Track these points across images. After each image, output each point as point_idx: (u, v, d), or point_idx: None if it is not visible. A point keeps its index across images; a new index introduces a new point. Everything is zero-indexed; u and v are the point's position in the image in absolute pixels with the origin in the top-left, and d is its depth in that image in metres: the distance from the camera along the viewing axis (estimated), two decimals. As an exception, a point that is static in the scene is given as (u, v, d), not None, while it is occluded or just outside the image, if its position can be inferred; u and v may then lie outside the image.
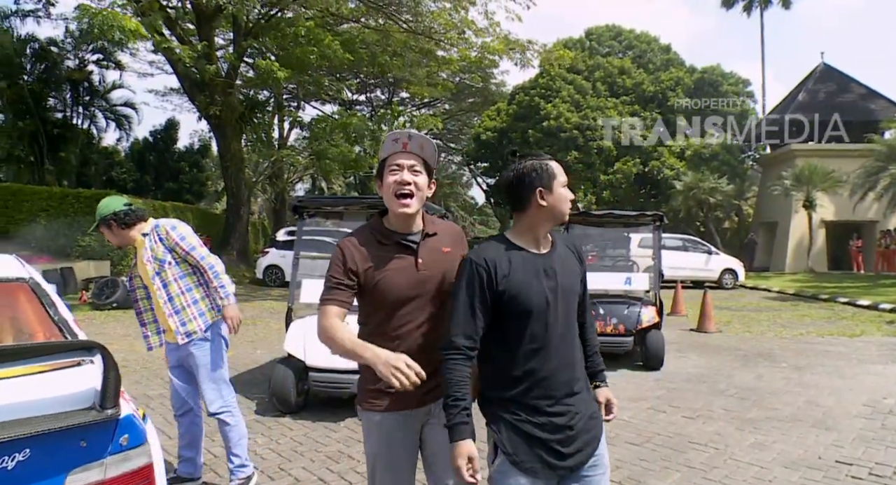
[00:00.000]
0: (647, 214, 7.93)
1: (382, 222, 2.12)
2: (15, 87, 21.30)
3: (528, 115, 31.31)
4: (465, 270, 1.95)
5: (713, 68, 31.48)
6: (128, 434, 1.86)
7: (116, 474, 1.83)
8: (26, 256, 12.54)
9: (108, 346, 6.03)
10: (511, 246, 1.99)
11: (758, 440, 4.67)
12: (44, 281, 2.69)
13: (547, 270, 1.97)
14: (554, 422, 1.93)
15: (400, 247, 2.07)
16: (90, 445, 1.76)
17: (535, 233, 2.01)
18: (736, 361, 7.76)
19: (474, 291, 1.92)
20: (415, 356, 1.91)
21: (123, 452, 1.85)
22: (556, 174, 1.99)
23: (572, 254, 2.11)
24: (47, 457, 1.69)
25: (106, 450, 1.80)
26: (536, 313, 1.92)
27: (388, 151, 2.06)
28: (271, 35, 18.56)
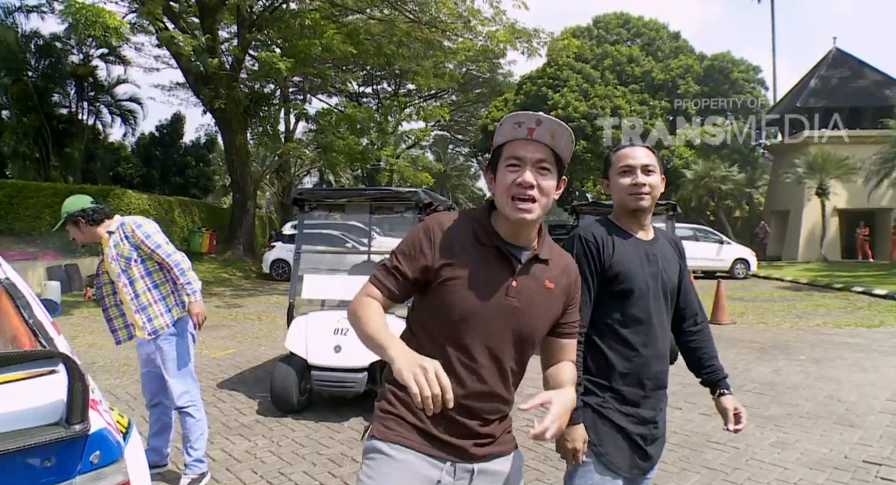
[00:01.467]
0: (660, 204, 7.67)
1: (489, 216, 1.64)
2: (19, 83, 21.20)
3: (536, 104, 30.95)
4: (577, 246, 1.92)
5: (723, 55, 31.04)
6: (99, 451, 1.68)
7: (87, 494, 1.66)
8: (30, 254, 12.50)
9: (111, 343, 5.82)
10: (616, 229, 1.98)
11: (780, 439, 4.47)
12: (21, 281, 2.52)
13: (649, 256, 1.95)
14: (641, 414, 1.91)
15: (499, 255, 1.58)
16: (57, 463, 1.59)
17: (625, 220, 2.00)
18: (752, 354, 7.54)
19: (588, 266, 1.90)
20: (466, 400, 1.53)
21: (95, 470, 1.68)
22: (613, 162, 2.00)
23: (673, 248, 2.07)
24: (7, 478, 1.52)
25: (75, 469, 1.63)
26: (637, 295, 1.91)
27: (508, 136, 1.56)
28: (275, 27, 18.37)
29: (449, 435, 1.57)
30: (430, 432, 1.57)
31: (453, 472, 1.59)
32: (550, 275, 1.63)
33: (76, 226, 3.47)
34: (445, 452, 1.58)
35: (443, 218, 1.63)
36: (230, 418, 4.93)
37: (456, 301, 1.55)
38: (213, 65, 15.58)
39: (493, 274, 1.57)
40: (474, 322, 1.55)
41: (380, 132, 22.31)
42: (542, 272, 1.62)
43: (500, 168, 1.58)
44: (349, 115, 19.51)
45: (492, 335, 1.57)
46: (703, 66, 30.65)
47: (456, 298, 1.55)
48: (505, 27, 17.53)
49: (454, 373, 1.53)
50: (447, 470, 1.58)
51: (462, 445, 1.58)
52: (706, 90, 29.90)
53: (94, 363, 7.07)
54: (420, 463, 1.56)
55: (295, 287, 5.46)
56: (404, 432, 1.57)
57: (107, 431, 1.75)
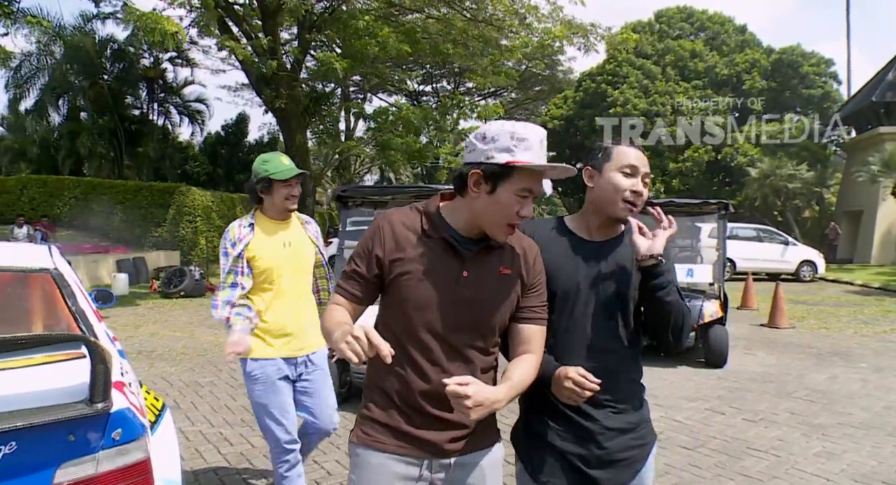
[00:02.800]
0: (711, 203, 7.49)
1: (439, 208, 1.64)
2: (96, 86, 22.39)
3: (595, 102, 30.55)
4: None
5: (792, 49, 29.79)
6: (121, 429, 1.81)
7: (109, 468, 1.78)
8: (103, 247, 13.21)
9: (171, 333, 6.17)
10: (561, 228, 1.83)
11: (826, 448, 4.30)
12: (70, 271, 2.71)
13: (588, 258, 1.76)
14: (574, 431, 1.73)
15: (447, 247, 1.59)
16: (79, 439, 1.72)
17: (585, 219, 1.82)
18: (808, 359, 7.25)
19: None
20: (437, 399, 1.54)
21: (117, 446, 1.80)
22: (612, 156, 1.75)
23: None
24: (34, 450, 1.66)
25: (97, 445, 1.75)
26: (561, 299, 1.73)
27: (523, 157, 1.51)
28: (334, 28, 18.74)
29: (425, 430, 1.59)
30: (404, 431, 1.60)
31: (430, 467, 1.62)
32: (505, 260, 1.63)
33: (301, 187, 3.01)
34: (422, 450, 1.61)
35: (392, 215, 1.64)
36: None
37: (408, 296, 1.57)
38: (273, 66, 16.04)
39: (444, 266, 1.58)
40: (429, 315, 1.57)
41: (438, 130, 22.45)
42: (496, 259, 1.62)
43: (506, 190, 1.52)
44: (405, 114, 19.71)
45: (447, 327, 1.58)
46: (770, 61, 29.51)
47: (408, 292, 1.57)
48: (562, 23, 17.36)
49: (417, 367, 1.58)
50: (425, 466, 1.62)
51: (437, 440, 1.60)
52: (773, 85, 28.75)
53: (153, 351, 7.43)
54: (397, 464, 1.60)
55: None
56: (380, 437, 1.62)
57: (129, 410, 1.87)
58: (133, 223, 16.85)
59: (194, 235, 16.20)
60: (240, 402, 5.26)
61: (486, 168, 1.51)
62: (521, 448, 1.82)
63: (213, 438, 4.38)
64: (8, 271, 2.52)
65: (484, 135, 1.55)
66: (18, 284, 2.51)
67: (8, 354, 1.80)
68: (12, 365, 1.85)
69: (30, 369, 1.84)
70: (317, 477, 3.74)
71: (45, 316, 2.37)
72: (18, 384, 1.75)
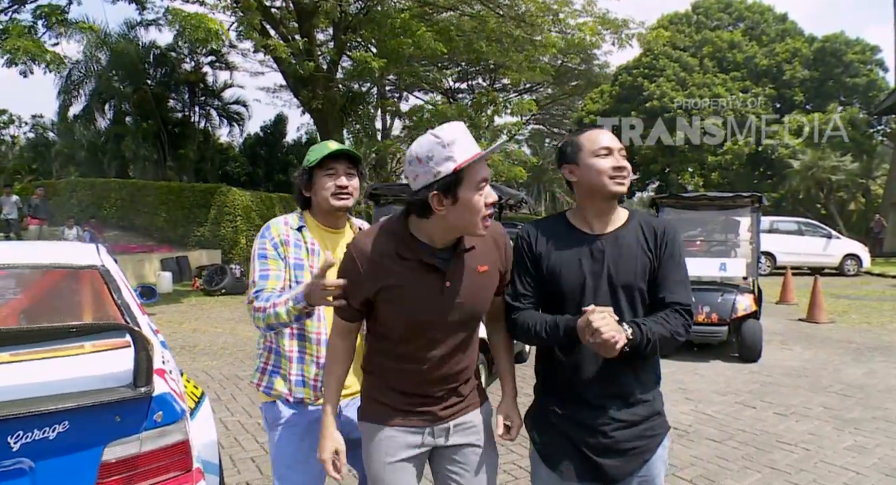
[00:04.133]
0: (745, 196, 7.43)
1: (408, 227, 1.70)
2: (140, 91, 23.12)
3: (632, 96, 30.21)
4: (516, 241, 1.91)
5: (836, 36, 28.92)
6: (162, 411, 1.96)
7: (152, 448, 1.94)
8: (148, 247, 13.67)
9: (213, 329, 6.45)
10: (565, 224, 1.89)
11: (857, 442, 4.27)
12: (116, 268, 2.89)
13: (594, 253, 1.80)
14: (582, 419, 1.81)
15: (424, 265, 1.67)
16: (124, 420, 1.88)
17: (583, 212, 1.87)
18: (846, 354, 7.13)
19: (520, 255, 1.87)
20: (434, 383, 1.77)
21: (158, 428, 1.96)
22: (583, 145, 1.80)
23: (643, 238, 1.82)
24: (84, 430, 1.82)
25: (140, 426, 1.91)
26: (569, 295, 1.80)
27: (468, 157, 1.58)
28: (369, 28, 18.98)
29: (421, 406, 1.80)
30: (403, 409, 1.79)
31: (432, 433, 1.82)
32: (480, 259, 1.74)
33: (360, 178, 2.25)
34: (421, 420, 1.80)
35: (363, 244, 1.70)
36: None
37: (398, 315, 1.70)
38: (309, 67, 16.35)
39: (426, 283, 1.68)
40: (421, 325, 1.71)
41: (472, 127, 22.54)
42: (472, 259, 1.73)
43: (466, 191, 1.59)
44: (440, 112, 19.84)
45: (437, 332, 1.74)
46: (812, 50, 28.73)
47: (398, 312, 1.70)
48: (595, 18, 17.24)
49: (414, 361, 1.76)
50: (427, 433, 1.81)
51: (433, 410, 1.81)
52: (816, 75, 27.98)
53: (195, 346, 7.72)
54: (401, 435, 1.79)
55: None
56: (383, 413, 1.80)
57: (169, 395, 2.03)
58: (176, 223, 17.37)
59: (235, 234, 16.63)
60: (277, 394, 5.45)
61: (441, 183, 1.57)
62: (534, 431, 1.92)
63: (252, 428, 4.57)
64: (59, 268, 2.71)
65: (418, 158, 1.60)
66: (69, 280, 2.71)
67: (60, 341, 1.97)
68: (64, 353, 2.02)
69: (79, 356, 2.00)
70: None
71: (93, 309, 2.55)
72: (69, 370, 1.92)
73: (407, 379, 1.78)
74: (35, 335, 1.95)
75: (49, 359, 1.92)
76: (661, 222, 1.86)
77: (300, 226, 2.16)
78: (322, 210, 2.18)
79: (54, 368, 1.89)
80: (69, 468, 1.82)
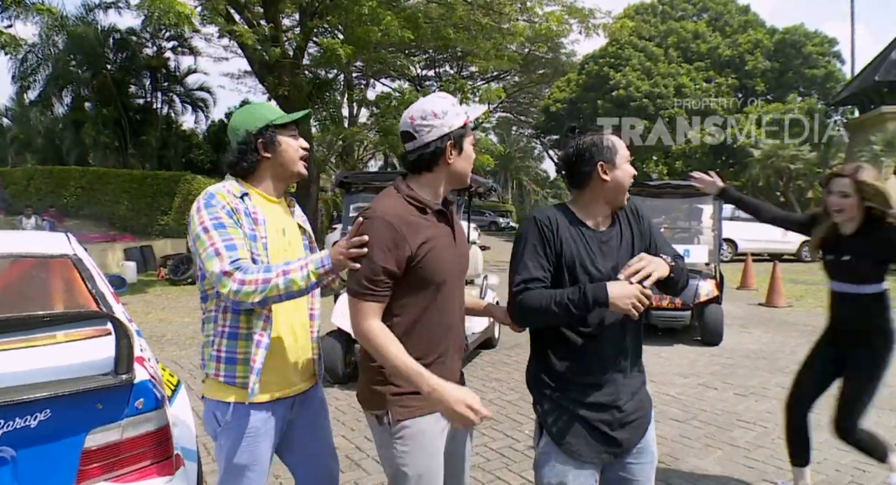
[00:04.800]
0: (709, 185, 7.61)
1: (414, 189, 1.84)
2: (99, 76, 22.49)
3: (598, 85, 30.50)
4: (530, 226, 1.90)
5: (795, 28, 29.60)
6: (143, 398, 1.99)
7: (133, 434, 1.97)
8: (110, 236, 13.40)
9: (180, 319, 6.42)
10: (573, 218, 1.93)
11: (812, 420, 4.46)
12: (88, 257, 2.88)
13: (604, 250, 1.91)
14: (598, 400, 1.89)
15: (439, 216, 1.86)
16: (106, 407, 1.90)
17: (593, 209, 1.94)
18: (802, 337, 7.41)
19: (540, 241, 1.87)
20: (457, 343, 1.93)
21: (140, 414, 1.99)
22: (619, 149, 1.92)
23: (631, 226, 1.98)
24: (66, 417, 1.84)
25: (122, 413, 1.94)
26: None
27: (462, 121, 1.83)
28: (335, 14, 18.77)
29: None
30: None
31: None
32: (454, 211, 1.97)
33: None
34: None
35: (387, 210, 1.76)
36: (281, 388, 5.31)
37: (434, 268, 1.80)
38: (275, 54, 16.12)
39: (443, 234, 1.87)
40: (449, 279, 1.86)
41: (441, 114, 22.51)
42: (453, 214, 1.95)
43: (468, 143, 1.87)
44: (408, 100, 19.78)
45: (456, 281, 1.92)
46: (773, 41, 29.36)
47: (433, 266, 1.80)
48: (562, 7, 17.37)
49: (441, 327, 1.87)
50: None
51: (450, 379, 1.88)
52: (777, 66, 28.63)
53: (163, 336, 7.64)
54: (437, 421, 1.84)
55: (341, 266, 5.76)
56: (420, 404, 1.80)
57: (150, 382, 2.05)
58: (139, 212, 17.04)
59: (200, 222, 16.40)
60: (249, 383, 5.46)
61: (455, 134, 1.83)
62: (553, 427, 1.91)
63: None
64: (31, 257, 2.69)
65: (435, 113, 1.81)
66: (41, 270, 2.69)
67: (41, 329, 1.97)
68: (45, 341, 2.03)
69: (59, 345, 2.01)
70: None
71: (67, 298, 2.54)
72: (51, 358, 1.93)
73: (433, 350, 1.84)
74: (15, 324, 1.94)
75: (30, 348, 1.93)
76: (630, 203, 2.00)
77: (243, 194, 1.95)
78: (280, 175, 2.04)
79: (35, 356, 1.90)
80: (51, 456, 1.84)
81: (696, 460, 3.75)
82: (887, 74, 24.69)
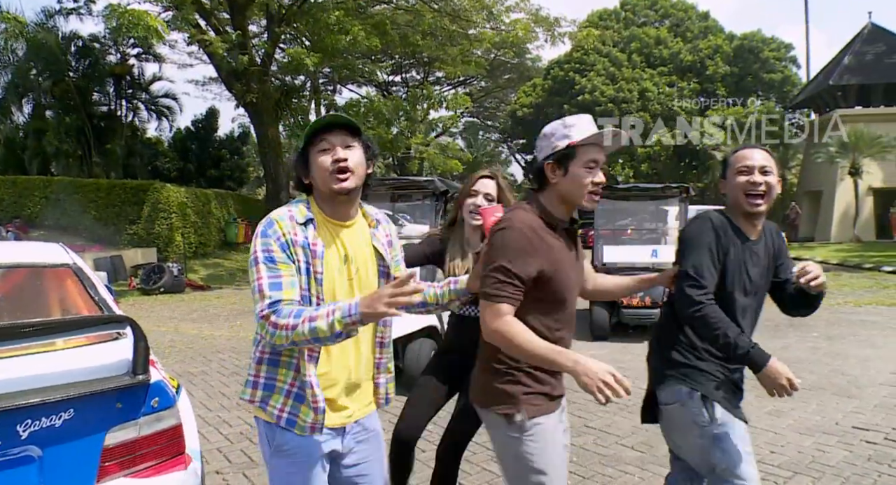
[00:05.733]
0: (673, 187, 7.95)
1: (544, 205, 1.91)
2: (61, 83, 22.06)
3: (564, 89, 31.05)
4: (706, 228, 2.09)
5: (753, 34, 30.60)
6: (158, 398, 2.10)
7: (150, 432, 2.08)
8: (79, 246, 13.22)
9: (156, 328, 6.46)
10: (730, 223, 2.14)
11: (776, 407, 4.73)
12: (86, 266, 2.97)
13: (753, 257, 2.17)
14: (736, 369, 2.20)
15: (565, 233, 1.92)
16: (125, 406, 2.01)
17: (736, 215, 2.16)
18: (765, 331, 7.74)
19: (715, 245, 2.08)
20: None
21: (155, 413, 2.10)
22: (731, 163, 2.15)
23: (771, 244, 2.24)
24: (88, 416, 1.94)
25: (139, 411, 2.05)
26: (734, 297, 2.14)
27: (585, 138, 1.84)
28: (303, 21, 18.81)
29: (560, 386, 1.99)
30: (551, 394, 1.94)
31: (562, 410, 2.03)
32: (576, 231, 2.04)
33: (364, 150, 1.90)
34: (559, 400, 2.00)
35: (521, 220, 1.84)
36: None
37: (562, 281, 1.87)
38: (243, 61, 16.10)
39: (568, 249, 1.93)
40: (572, 291, 1.95)
41: (408, 121, 22.70)
42: (576, 232, 2.01)
43: (576, 166, 1.85)
44: (376, 107, 19.88)
45: (574, 299, 1.99)
46: (732, 46, 30.29)
47: (561, 279, 1.87)
48: (528, 14, 17.69)
49: (562, 341, 1.88)
50: (559, 410, 2.01)
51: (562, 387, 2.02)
52: (736, 71, 29.51)
53: (141, 346, 7.63)
54: (556, 417, 1.96)
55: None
56: (544, 403, 1.91)
57: (163, 383, 2.17)
58: (107, 221, 16.81)
59: (170, 231, 16.23)
60: (233, 388, 5.53)
61: (555, 155, 1.86)
62: (711, 392, 2.12)
63: (213, 421, 4.66)
64: (33, 267, 2.77)
65: (544, 134, 1.91)
66: (44, 279, 2.77)
67: (59, 334, 2.07)
68: (64, 346, 2.13)
69: (77, 349, 2.12)
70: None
71: (74, 306, 2.63)
72: (70, 361, 2.03)
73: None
74: (38, 329, 2.04)
75: (52, 352, 2.03)
76: (770, 225, 2.24)
77: (307, 219, 1.80)
78: (325, 198, 1.85)
79: (56, 360, 2.00)
80: (74, 454, 1.94)
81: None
82: (840, 79, 25.66)
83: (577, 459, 3.80)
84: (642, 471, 3.61)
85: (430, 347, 5.16)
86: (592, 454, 3.87)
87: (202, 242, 17.67)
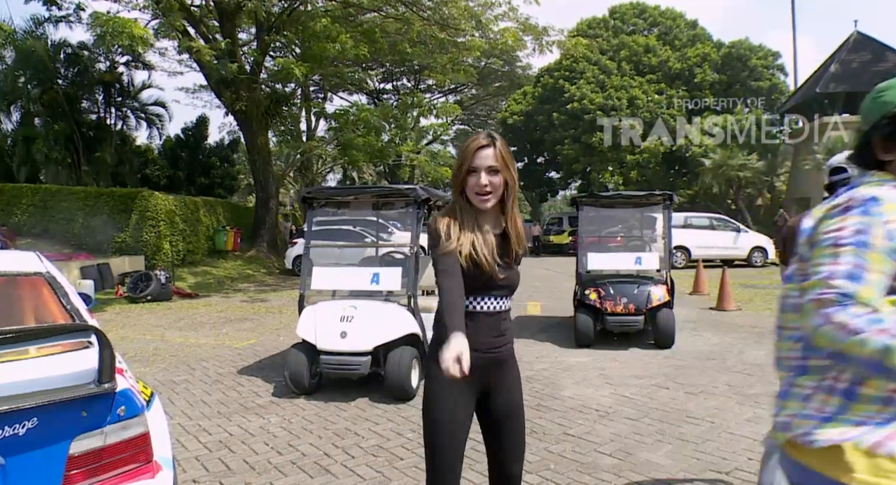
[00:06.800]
0: (657, 194, 8.00)
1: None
2: (50, 91, 21.97)
3: (553, 97, 31.20)
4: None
5: (741, 42, 30.86)
6: (125, 406, 2.11)
7: (115, 440, 2.09)
8: (66, 254, 13.13)
9: (141, 336, 6.44)
10: None
11: (756, 414, 4.77)
12: (60, 275, 2.96)
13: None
14: None
15: None
16: (90, 415, 2.02)
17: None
18: (750, 338, 7.80)
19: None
20: None
21: (122, 421, 2.11)
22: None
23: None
24: (52, 425, 1.95)
25: (105, 420, 2.05)
26: None
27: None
28: (292, 29, 18.85)
29: None
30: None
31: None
32: None
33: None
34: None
35: None
36: (247, 400, 5.38)
37: None
38: (232, 70, 16.10)
39: None
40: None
41: (398, 128, 22.75)
42: None
43: None
44: (365, 117, 19.91)
45: None
46: (720, 54, 30.54)
47: None
48: (518, 23, 17.78)
49: None
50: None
51: None
52: (724, 78, 29.77)
53: (125, 354, 7.57)
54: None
55: (305, 279, 5.88)
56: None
57: (130, 391, 2.17)
58: (95, 229, 16.72)
59: (158, 239, 16.14)
60: (215, 397, 5.51)
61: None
62: None
63: (192, 429, 4.64)
64: (6, 276, 2.77)
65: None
66: (16, 287, 2.77)
67: (25, 342, 2.07)
68: (29, 355, 2.13)
69: (43, 358, 2.12)
70: (292, 457, 4.04)
71: (45, 314, 2.63)
72: (34, 370, 2.03)
73: None
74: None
75: (15, 361, 2.03)
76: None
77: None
78: None
79: (20, 368, 2.00)
80: (38, 462, 1.94)
81: (648, 454, 3.98)
82: (826, 87, 25.93)
83: (554, 466, 3.81)
84: (618, 478, 3.63)
85: (411, 355, 5.16)
86: (570, 462, 3.88)
87: (190, 250, 17.58)
